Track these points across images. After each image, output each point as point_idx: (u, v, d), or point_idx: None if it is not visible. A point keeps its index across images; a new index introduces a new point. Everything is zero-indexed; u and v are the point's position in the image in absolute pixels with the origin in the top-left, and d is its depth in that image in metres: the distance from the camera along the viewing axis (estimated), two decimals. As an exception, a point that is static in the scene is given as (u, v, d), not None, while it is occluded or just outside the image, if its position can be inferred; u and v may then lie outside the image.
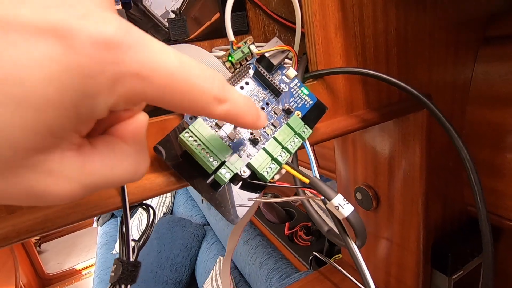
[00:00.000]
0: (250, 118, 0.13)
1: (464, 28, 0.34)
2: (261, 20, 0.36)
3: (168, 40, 0.33)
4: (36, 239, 2.38)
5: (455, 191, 0.42)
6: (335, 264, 0.45)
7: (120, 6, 0.27)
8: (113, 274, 0.19)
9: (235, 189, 0.20)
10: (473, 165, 0.22)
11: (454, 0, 0.32)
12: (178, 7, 0.33)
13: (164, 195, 1.72)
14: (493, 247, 0.25)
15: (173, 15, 0.33)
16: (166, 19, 0.32)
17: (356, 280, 0.42)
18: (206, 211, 1.34)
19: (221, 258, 0.96)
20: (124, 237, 0.19)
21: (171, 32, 0.32)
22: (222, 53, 0.25)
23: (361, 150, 0.42)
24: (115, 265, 0.19)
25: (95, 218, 1.54)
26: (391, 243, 0.43)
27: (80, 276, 2.32)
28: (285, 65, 0.23)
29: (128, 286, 0.19)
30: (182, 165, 0.19)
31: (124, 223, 0.19)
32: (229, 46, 0.33)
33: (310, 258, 0.63)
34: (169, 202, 1.75)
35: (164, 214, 1.62)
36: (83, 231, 2.63)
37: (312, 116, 0.22)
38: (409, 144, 0.35)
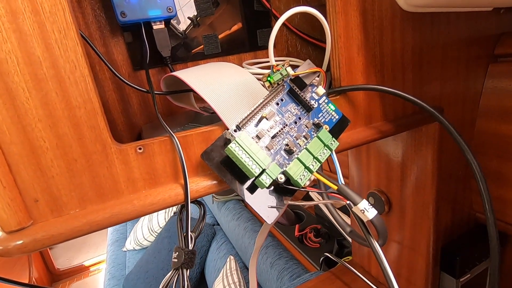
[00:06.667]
0: None
1: (475, 45, 0.37)
2: (285, 36, 0.39)
3: (195, 55, 0.35)
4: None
5: (464, 198, 0.44)
6: (347, 264, 0.47)
7: (163, 26, 0.30)
8: (176, 260, 0.22)
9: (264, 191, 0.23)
10: (482, 174, 0.24)
11: (466, 20, 0.34)
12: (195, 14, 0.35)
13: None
14: (500, 252, 0.28)
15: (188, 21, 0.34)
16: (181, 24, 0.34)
17: (367, 280, 0.44)
18: (216, 211, 1.37)
19: (232, 257, 0.99)
20: (184, 229, 0.22)
21: (205, 47, 0.35)
22: (259, 70, 0.28)
23: (375, 157, 0.45)
24: (177, 253, 0.22)
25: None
26: (402, 246, 0.45)
27: (89, 273, 2.37)
28: (313, 81, 0.25)
29: (188, 270, 0.22)
30: (224, 170, 0.22)
31: (185, 217, 0.22)
32: (257, 60, 0.36)
33: (320, 259, 0.65)
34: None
35: (174, 213, 1.65)
36: (92, 229, 2.68)
37: (337, 129, 0.25)
38: (421, 153, 0.38)
